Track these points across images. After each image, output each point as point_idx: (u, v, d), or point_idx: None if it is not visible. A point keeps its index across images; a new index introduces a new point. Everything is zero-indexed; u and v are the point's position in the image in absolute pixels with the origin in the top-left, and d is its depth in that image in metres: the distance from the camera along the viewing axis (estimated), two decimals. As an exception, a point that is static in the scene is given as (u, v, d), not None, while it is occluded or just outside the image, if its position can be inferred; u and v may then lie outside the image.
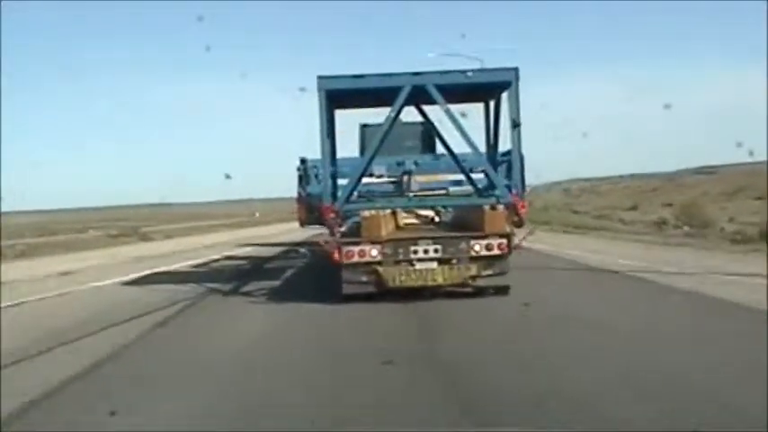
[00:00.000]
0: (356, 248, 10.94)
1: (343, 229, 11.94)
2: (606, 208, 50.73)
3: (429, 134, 15.72)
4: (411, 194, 14.11)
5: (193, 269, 19.81)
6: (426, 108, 12.72)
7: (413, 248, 10.93)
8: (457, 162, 13.23)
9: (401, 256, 10.91)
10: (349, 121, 14.02)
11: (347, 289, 11.00)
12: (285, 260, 21.68)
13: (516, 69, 11.12)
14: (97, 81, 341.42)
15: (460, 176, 13.90)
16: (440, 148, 15.83)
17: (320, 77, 11.22)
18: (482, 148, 12.34)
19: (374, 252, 10.89)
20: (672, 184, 60.93)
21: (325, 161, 11.65)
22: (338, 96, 11.56)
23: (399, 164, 14.60)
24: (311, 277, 15.77)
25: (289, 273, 17.58)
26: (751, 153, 42.74)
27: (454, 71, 11.34)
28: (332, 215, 11.36)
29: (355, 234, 11.43)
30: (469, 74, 11.30)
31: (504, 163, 13.34)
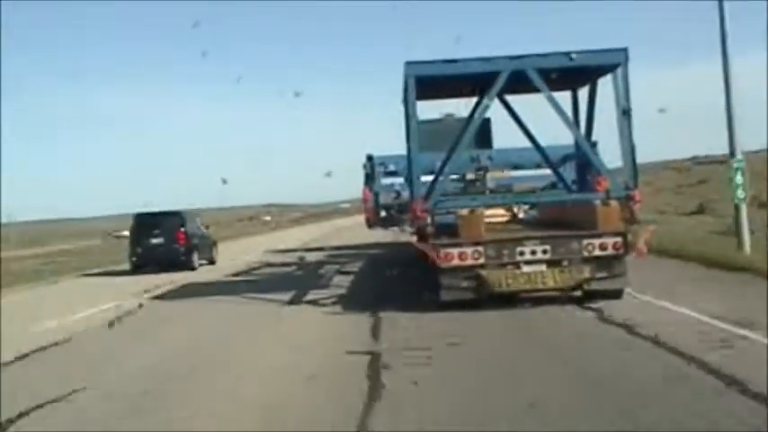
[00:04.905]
0: (456, 251, 9.87)
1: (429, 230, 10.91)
2: (653, 211, 28.25)
3: (485, 130, 14.86)
4: (488, 191, 13.15)
5: None
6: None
7: (519, 249, 9.85)
8: (544, 156, 12.28)
9: (506, 258, 9.83)
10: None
11: (446, 296, 9.94)
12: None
13: (626, 50, 10.17)
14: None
15: (543, 171, 12.96)
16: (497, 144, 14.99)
17: (408, 63, 10.35)
18: (557, 140, 11.45)
19: (476, 254, 9.85)
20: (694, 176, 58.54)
21: (412, 157, 10.65)
22: (426, 84, 10.56)
23: (473, 159, 13.61)
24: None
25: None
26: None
27: (557, 53, 10.32)
28: (424, 215, 10.36)
29: (447, 234, 10.40)
30: (574, 56, 10.27)
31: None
